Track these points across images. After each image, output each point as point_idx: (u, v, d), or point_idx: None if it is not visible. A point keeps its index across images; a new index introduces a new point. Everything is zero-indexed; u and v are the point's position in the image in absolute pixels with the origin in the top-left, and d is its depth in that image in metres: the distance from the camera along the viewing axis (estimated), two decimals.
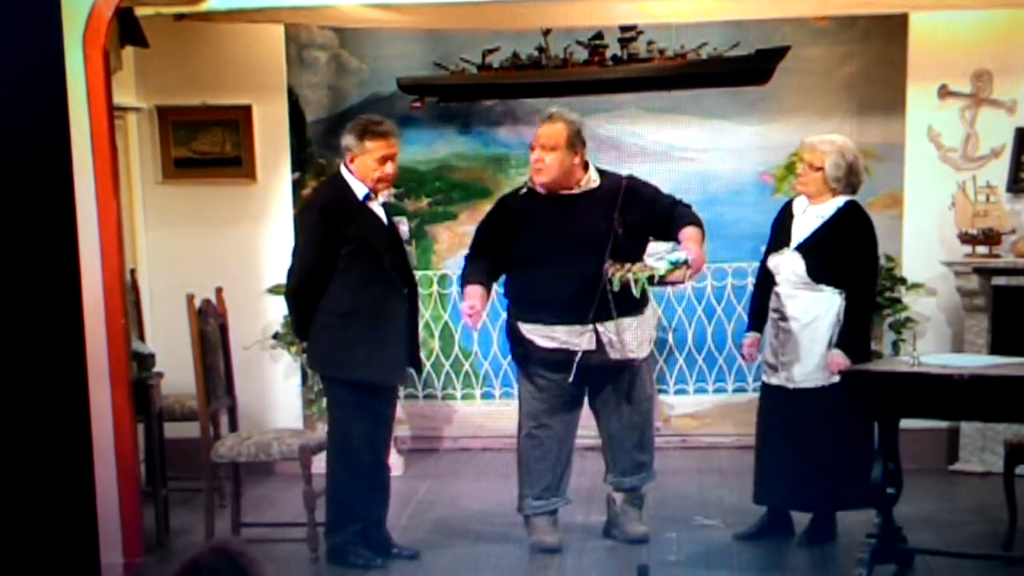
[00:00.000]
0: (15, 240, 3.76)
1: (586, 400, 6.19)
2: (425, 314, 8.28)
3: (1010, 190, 7.54)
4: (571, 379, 5.94)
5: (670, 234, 5.94)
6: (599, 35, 8.04)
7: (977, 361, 5.96)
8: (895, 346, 7.53)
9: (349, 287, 5.76)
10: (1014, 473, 6.02)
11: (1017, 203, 7.54)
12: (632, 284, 5.75)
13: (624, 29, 7.99)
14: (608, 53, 8.06)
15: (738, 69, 7.95)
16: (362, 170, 5.81)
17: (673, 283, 5.96)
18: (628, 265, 5.81)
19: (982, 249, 7.41)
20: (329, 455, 5.94)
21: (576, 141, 5.96)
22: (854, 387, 5.56)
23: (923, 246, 7.65)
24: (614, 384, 6.08)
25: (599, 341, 5.92)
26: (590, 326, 5.88)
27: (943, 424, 7.36)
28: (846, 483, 5.93)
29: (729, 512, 6.60)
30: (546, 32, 7.99)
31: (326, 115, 8.17)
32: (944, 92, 7.62)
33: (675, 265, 5.72)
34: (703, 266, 5.96)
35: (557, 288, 5.87)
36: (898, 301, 7.58)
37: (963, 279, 7.45)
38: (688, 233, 5.84)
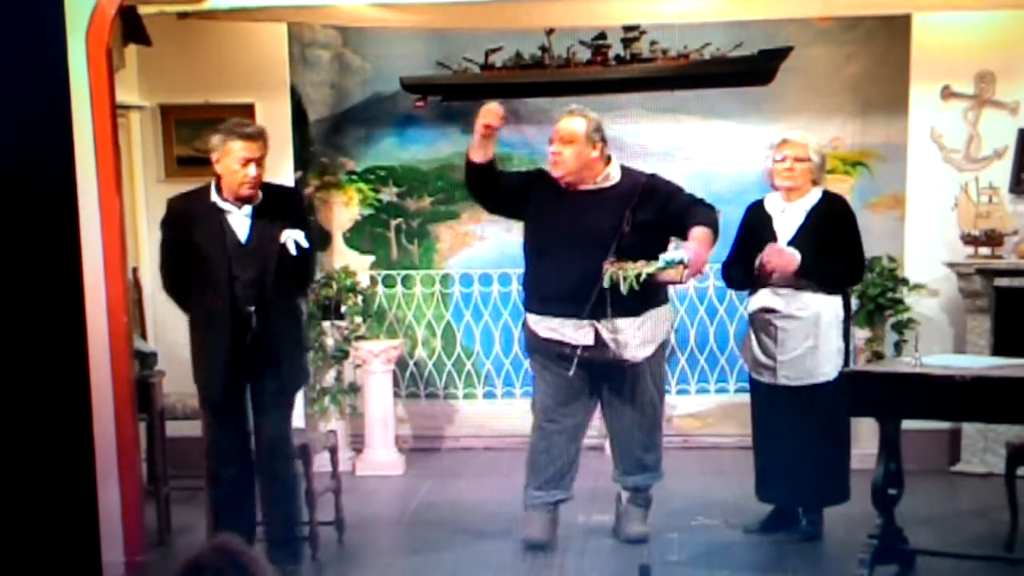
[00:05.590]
0: (17, 239, 3.76)
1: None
2: (428, 313, 8.30)
3: (1013, 191, 7.53)
4: (571, 372, 5.95)
5: (682, 233, 5.94)
6: (602, 35, 8.04)
7: (979, 362, 5.95)
8: (897, 347, 7.53)
9: (198, 291, 5.67)
10: (1015, 474, 6.02)
11: (1019, 204, 7.53)
12: (621, 281, 5.75)
13: (627, 29, 7.99)
14: (611, 53, 8.07)
15: (741, 69, 7.95)
16: (225, 172, 5.57)
17: (670, 282, 5.94)
18: (627, 264, 5.80)
19: (984, 250, 7.41)
20: None
21: (595, 136, 5.98)
22: (856, 388, 5.56)
23: (925, 247, 7.64)
24: (617, 382, 6.08)
25: (598, 337, 5.92)
26: (588, 322, 5.89)
27: (945, 425, 7.36)
28: (837, 477, 6.05)
29: (731, 512, 6.60)
30: (549, 32, 8.00)
31: (329, 114, 8.18)
32: (947, 93, 7.61)
33: (670, 264, 5.71)
34: (703, 266, 5.94)
35: (560, 281, 5.89)
36: (900, 302, 7.57)
37: (965, 280, 7.45)
38: (695, 233, 5.84)
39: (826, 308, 6.03)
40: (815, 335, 6.01)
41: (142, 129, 7.86)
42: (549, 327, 5.99)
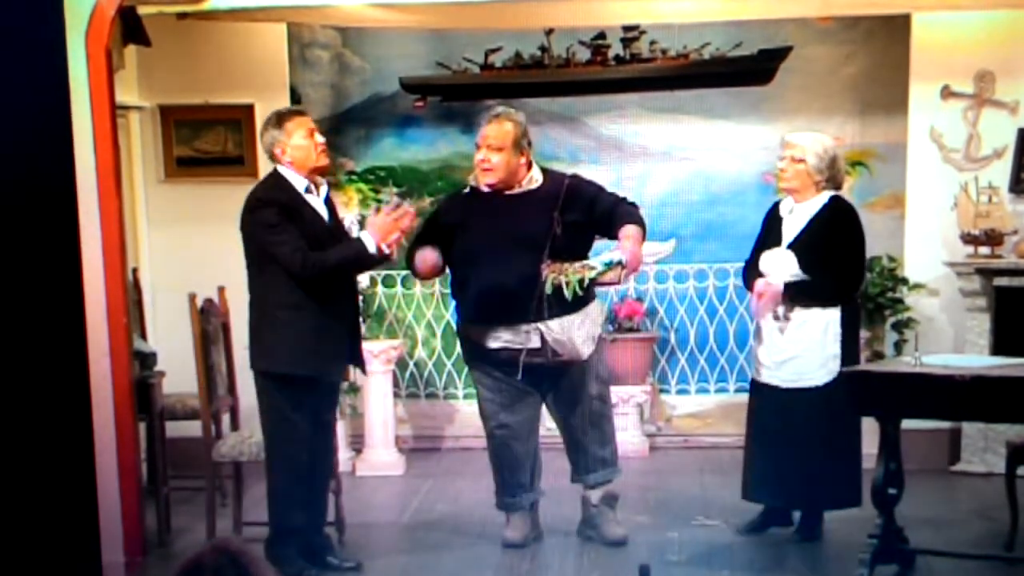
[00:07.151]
0: (17, 239, 3.76)
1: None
2: (428, 313, 8.30)
3: (1012, 191, 7.55)
4: (519, 377, 5.94)
5: (611, 232, 5.91)
6: (602, 35, 8.05)
7: (979, 362, 5.95)
8: (897, 346, 7.53)
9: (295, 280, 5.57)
10: (1016, 474, 6.02)
11: (1019, 204, 7.54)
12: (564, 287, 5.75)
13: (627, 29, 8.00)
14: (610, 53, 8.07)
15: (740, 69, 7.95)
16: (298, 155, 5.63)
17: (609, 284, 5.97)
18: (565, 266, 5.78)
19: (984, 250, 7.42)
20: (268, 459, 5.74)
21: (522, 141, 5.91)
22: (856, 388, 5.56)
23: (925, 246, 7.65)
24: (563, 382, 6.05)
25: (543, 339, 5.90)
26: (532, 325, 5.85)
27: (945, 425, 7.36)
28: (838, 481, 5.98)
29: (730, 512, 6.58)
30: (549, 32, 8.00)
31: (329, 114, 8.17)
32: (947, 92, 7.62)
33: (609, 266, 5.74)
34: (640, 265, 5.97)
35: (498, 287, 5.83)
36: (900, 301, 7.58)
37: (965, 280, 7.46)
38: (627, 232, 5.83)
39: (820, 315, 6.00)
40: (805, 339, 5.99)
41: (142, 129, 7.87)
42: (493, 334, 5.93)
